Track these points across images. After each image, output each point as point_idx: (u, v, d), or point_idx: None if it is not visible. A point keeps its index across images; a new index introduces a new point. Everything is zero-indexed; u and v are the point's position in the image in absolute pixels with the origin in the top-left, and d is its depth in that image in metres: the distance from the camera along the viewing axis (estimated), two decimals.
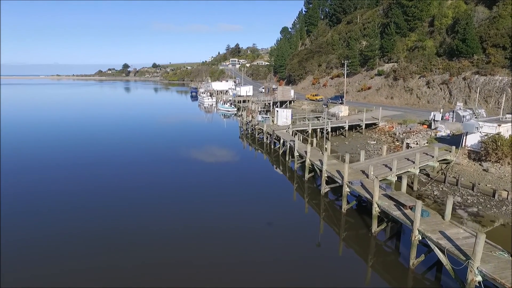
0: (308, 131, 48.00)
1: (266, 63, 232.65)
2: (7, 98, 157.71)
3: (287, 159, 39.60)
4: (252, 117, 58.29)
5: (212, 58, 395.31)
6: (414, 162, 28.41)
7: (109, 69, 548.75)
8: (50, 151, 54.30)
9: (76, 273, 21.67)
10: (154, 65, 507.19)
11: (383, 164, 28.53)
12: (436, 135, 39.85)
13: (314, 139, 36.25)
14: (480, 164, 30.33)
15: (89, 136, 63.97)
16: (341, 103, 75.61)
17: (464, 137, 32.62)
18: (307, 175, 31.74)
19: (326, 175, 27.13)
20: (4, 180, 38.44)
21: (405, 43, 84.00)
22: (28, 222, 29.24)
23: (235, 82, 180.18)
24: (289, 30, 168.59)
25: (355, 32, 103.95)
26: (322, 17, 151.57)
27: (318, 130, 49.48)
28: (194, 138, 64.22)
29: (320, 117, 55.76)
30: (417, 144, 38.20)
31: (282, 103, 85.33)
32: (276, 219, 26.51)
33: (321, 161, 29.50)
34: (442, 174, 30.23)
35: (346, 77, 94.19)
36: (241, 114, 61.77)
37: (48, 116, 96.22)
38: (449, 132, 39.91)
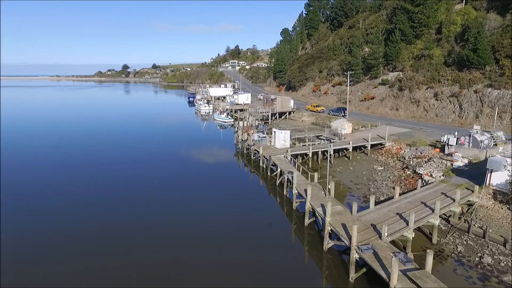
0: (308, 154, 43.71)
1: (266, 65, 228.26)
2: (6, 103, 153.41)
3: (284, 192, 35.29)
4: (248, 134, 54.05)
5: (212, 60, 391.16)
6: (433, 210, 24.14)
7: (109, 70, 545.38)
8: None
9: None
10: (154, 66, 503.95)
11: (396, 213, 24.22)
12: (452, 165, 35.54)
13: (316, 174, 31.86)
14: (509, 208, 26.05)
15: (78, 151, 60.83)
16: (344, 116, 71.33)
17: (489, 174, 28.32)
18: (307, 220, 27.46)
19: (329, 228, 22.87)
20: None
21: (411, 51, 79.63)
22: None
23: (234, 86, 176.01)
24: (290, 31, 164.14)
25: (357, 37, 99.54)
26: (323, 20, 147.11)
27: (320, 152, 45.18)
28: (187, 152, 60.73)
29: (321, 136, 51.45)
30: (431, 175, 33.88)
31: (281, 114, 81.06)
32: (270, 272, 22.48)
33: (323, 206, 25.27)
34: (464, 221, 25.94)
35: (349, 85, 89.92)
36: (237, 130, 57.46)
37: (47, 119, 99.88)
38: (466, 162, 35.60)
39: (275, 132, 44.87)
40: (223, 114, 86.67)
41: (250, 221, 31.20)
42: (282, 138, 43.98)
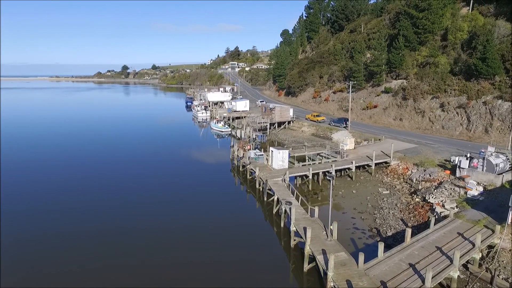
0: (308, 176, 40.56)
1: (266, 66, 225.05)
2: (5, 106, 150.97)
3: (282, 225, 32.11)
4: (244, 150, 50.98)
5: (211, 61, 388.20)
6: (451, 261, 21.02)
7: (108, 71, 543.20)
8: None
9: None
10: (154, 67, 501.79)
11: (409, 264, 21.07)
12: (466, 193, 32.40)
13: (316, 209, 28.64)
14: None
15: (72, 168, 58.09)
16: (345, 127, 68.22)
17: (511, 212, 25.19)
18: (306, 266, 24.34)
19: (332, 285, 19.76)
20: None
21: (415, 58, 76.49)
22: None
23: (233, 89, 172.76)
24: (290, 33, 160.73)
25: (359, 42, 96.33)
26: (324, 23, 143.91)
27: (321, 172, 42.04)
28: (180, 165, 58.18)
29: (322, 153, 48.31)
30: (443, 206, 30.75)
31: (280, 124, 77.93)
32: None
33: (324, 253, 22.20)
34: (486, 269, 22.80)
35: (351, 94, 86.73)
36: (233, 145, 54.35)
37: (44, 124, 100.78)
38: (481, 190, 32.47)
39: (272, 151, 41.74)
40: (220, 123, 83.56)
41: (243, 257, 28.19)
42: (280, 159, 40.84)
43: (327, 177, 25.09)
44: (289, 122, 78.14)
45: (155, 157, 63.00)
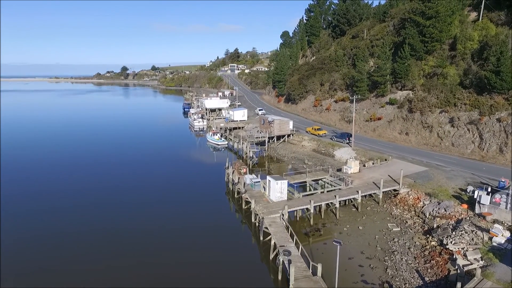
0: (310, 209, 36.59)
1: (266, 68, 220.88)
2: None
3: (280, 277, 28.12)
4: (240, 174, 47.09)
5: (211, 63, 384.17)
6: None
7: (108, 72, 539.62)
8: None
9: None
10: (153, 68, 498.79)
11: None
12: (490, 239, 28.41)
13: (319, 266, 24.61)
14: None
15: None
16: (349, 143, 64.24)
17: None
18: None
19: None
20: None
21: (421, 68, 72.46)
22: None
23: (232, 94, 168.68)
24: (290, 35, 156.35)
25: (361, 49, 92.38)
26: (324, 27, 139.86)
27: (323, 204, 38.06)
28: (171, 185, 54.34)
29: (324, 178, 44.33)
30: (465, 255, 26.80)
31: (280, 137, 73.97)
32: None
33: None
34: None
35: (352, 102, 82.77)
36: (227, 167, 50.40)
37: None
38: (509, 236, 28.47)
39: (269, 181, 37.73)
40: (216, 135, 79.55)
41: None
42: (278, 190, 36.86)
43: (334, 242, 21.09)
44: (288, 135, 74.18)
45: (143, 173, 59.82)
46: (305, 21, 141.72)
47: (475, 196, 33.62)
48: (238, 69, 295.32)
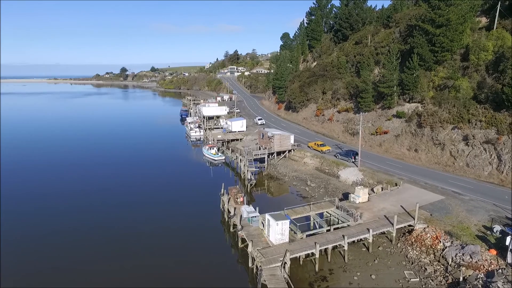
0: (315, 254, 32.15)
1: (266, 71, 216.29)
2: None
3: None
4: (236, 203, 42.79)
5: (210, 65, 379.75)
6: None
7: (107, 73, 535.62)
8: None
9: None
10: (153, 69, 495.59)
11: None
12: None
13: None
14: None
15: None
16: (354, 162, 59.75)
17: None
18: None
19: None
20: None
21: (431, 79, 68.00)
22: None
23: (231, 98, 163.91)
24: (290, 37, 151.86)
25: (366, 57, 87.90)
26: (326, 31, 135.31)
27: (330, 247, 33.63)
28: (161, 211, 49.68)
29: (329, 211, 39.88)
30: None
31: (280, 152, 69.55)
32: None
33: None
34: None
35: (357, 113, 78.48)
36: (223, 193, 45.98)
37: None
38: None
39: (269, 220, 33.30)
40: (212, 149, 75.09)
41: None
42: (278, 232, 32.44)
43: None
44: (289, 151, 69.74)
45: (131, 192, 55.71)
46: (306, 24, 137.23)
47: (507, 243, 29.21)
48: (237, 71, 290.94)
